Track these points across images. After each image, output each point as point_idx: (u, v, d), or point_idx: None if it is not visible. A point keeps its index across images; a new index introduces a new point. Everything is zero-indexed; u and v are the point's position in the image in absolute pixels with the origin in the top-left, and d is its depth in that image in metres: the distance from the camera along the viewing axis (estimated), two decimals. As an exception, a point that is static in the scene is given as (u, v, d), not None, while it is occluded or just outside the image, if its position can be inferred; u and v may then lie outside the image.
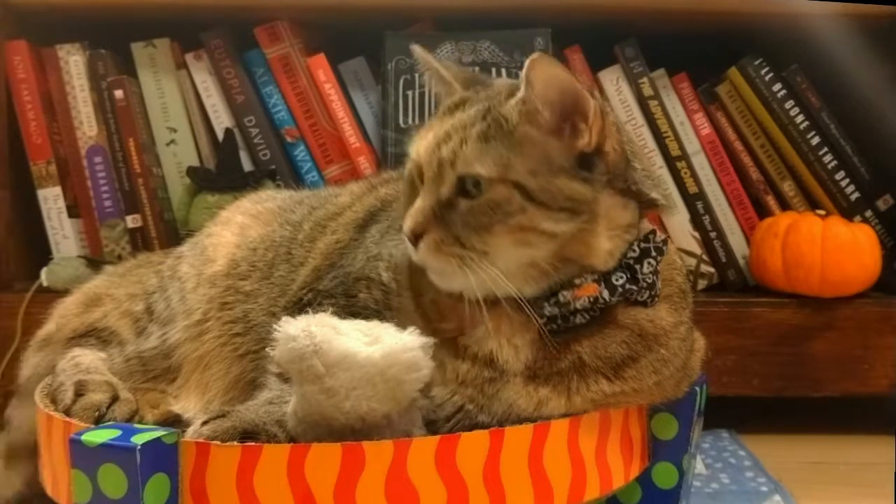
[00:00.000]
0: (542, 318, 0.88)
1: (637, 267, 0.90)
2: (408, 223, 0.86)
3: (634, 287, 0.89)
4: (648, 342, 0.92)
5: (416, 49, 0.96)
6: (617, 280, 0.89)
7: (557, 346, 0.89)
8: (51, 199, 1.69)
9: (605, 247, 0.88)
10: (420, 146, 0.90)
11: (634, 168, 0.91)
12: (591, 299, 0.88)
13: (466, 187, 0.85)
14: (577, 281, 0.88)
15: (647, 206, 0.93)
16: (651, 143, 1.69)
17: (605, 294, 0.88)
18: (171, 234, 1.68)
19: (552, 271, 0.87)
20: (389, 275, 0.96)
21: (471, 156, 0.84)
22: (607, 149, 0.87)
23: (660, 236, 0.93)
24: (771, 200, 1.73)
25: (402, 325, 0.87)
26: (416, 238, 0.86)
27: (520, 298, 0.87)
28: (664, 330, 0.93)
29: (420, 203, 0.87)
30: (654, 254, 0.91)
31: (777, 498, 1.30)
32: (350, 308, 0.97)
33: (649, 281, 0.91)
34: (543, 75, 0.84)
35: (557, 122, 0.86)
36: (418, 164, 0.90)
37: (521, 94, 0.86)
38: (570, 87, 0.84)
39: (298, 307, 1.01)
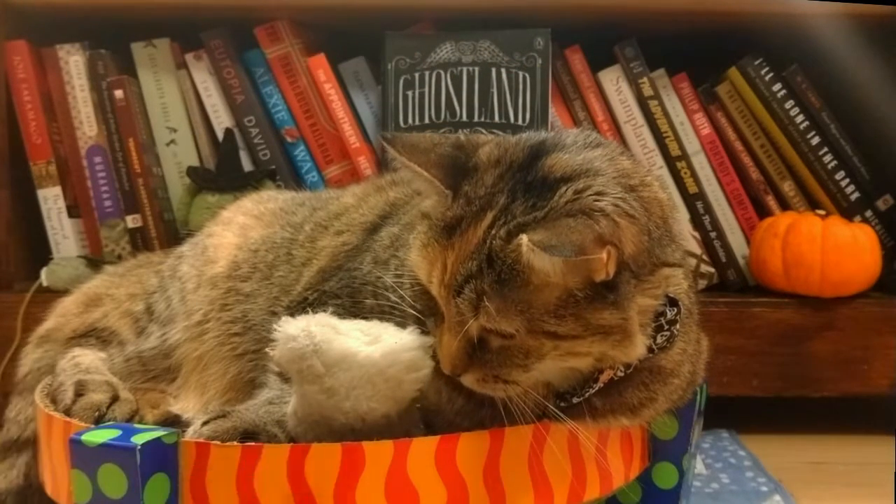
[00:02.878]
0: (556, 398, 0.87)
1: (655, 335, 0.87)
2: (446, 366, 0.84)
3: (651, 354, 0.87)
4: (664, 376, 0.92)
5: (392, 152, 0.88)
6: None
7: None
8: (51, 199, 1.69)
9: (640, 345, 0.84)
10: (426, 272, 0.84)
11: (660, 245, 0.85)
12: (608, 379, 0.87)
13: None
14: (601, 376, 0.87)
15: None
16: (651, 143, 1.69)
17: (621, 372, 0.88)
18: (171, 234, 1.68)
19: (589, 372, 0.86)
20: (397, 294, 0.92)
21: (493, 311, 0.79)
22: (627, 258, 0.80)
23: (679, 285, 0.89)
24: (771, 200, 1.73)
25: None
26: (457, 376, 0.85)
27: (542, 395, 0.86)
28: (677, 363, 0.93)
29: (449, 344, 0.83)
30: (675, 320, 0.87)
31: (777, 498, 1.29)
32: (354, 310, 0.97)
33: (667, 336, 0.88)
34: (541, 265, 0.77)
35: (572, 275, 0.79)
36: (430, 292, 0.85)
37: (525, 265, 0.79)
38: (574, 265, 0.77)
39: (302, 307, 1.01)
